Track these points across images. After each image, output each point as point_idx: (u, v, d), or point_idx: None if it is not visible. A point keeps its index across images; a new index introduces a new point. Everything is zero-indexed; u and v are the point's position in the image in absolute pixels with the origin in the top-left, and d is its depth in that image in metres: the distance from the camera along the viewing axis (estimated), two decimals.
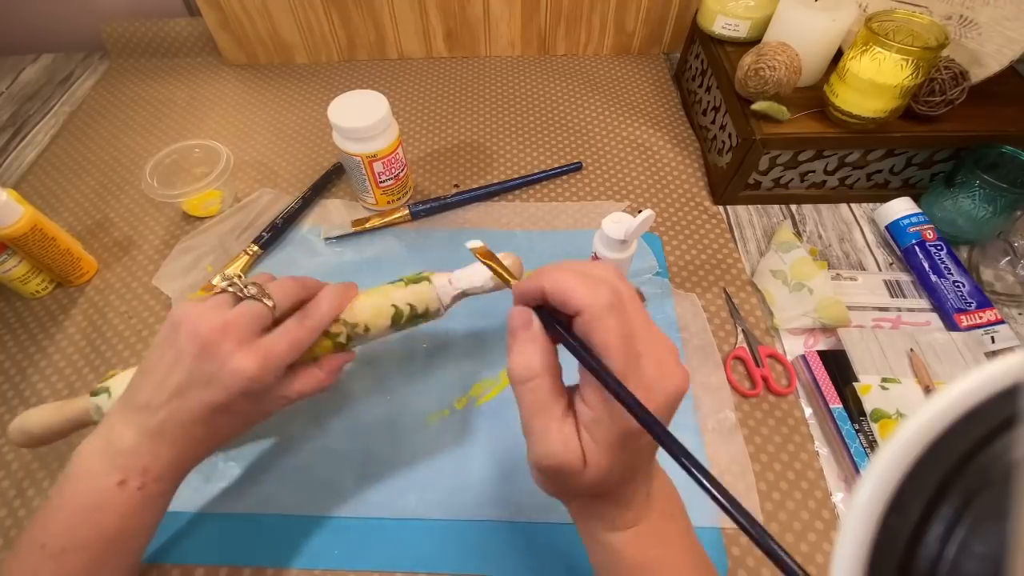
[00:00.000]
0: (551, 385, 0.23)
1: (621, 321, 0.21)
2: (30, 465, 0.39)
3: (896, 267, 0.50)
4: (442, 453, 0.39)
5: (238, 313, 0.29)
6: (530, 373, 0.23)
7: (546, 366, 0.23)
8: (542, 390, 0.23)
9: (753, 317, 0.46)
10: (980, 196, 0.47)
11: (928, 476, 0.11)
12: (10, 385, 0.44)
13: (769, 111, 0.49)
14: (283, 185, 0.58)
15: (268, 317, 0.30)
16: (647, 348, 0.21)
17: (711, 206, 0.55)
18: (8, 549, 0.36)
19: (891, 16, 0.45)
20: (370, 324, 0.34)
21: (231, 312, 0.29)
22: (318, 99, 0.68)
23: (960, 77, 0.46)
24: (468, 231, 0.53)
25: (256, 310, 0.29)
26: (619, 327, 0.21)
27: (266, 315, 0.30)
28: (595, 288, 0.21)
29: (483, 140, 0.62)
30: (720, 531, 0.36)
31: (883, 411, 0.39)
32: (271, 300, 0.30)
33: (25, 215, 0.43)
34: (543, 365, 0.23)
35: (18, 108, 0.69)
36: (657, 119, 0.64)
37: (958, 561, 0.10)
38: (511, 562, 0.35)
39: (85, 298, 0.49)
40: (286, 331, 0.30)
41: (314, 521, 0.37)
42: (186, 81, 0.71)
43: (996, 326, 0.43)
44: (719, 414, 0.41)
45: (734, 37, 0.57)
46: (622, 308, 0.21)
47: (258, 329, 0.29)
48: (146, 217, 0.55)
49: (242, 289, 0.30)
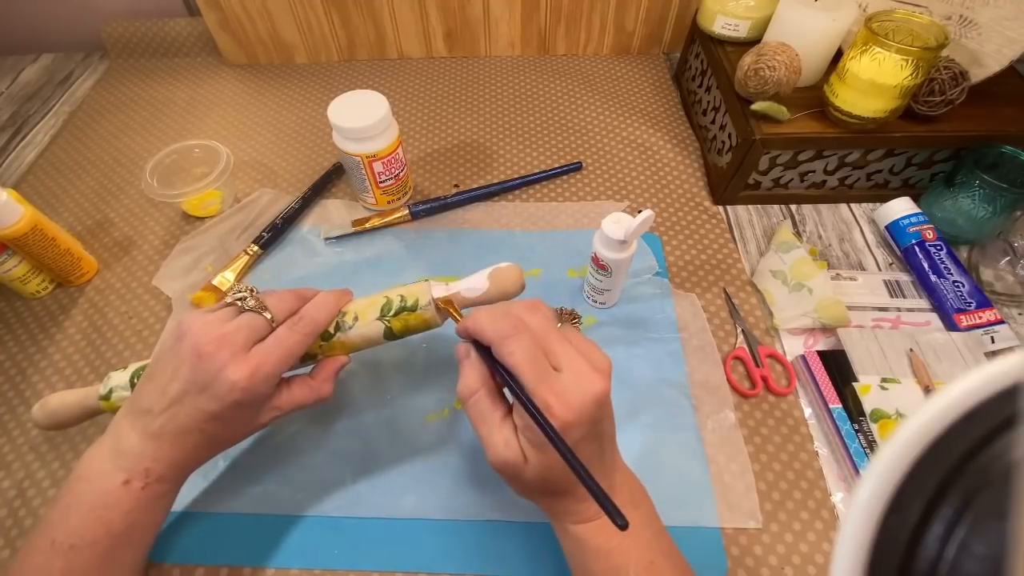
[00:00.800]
0: (489, 399, 0.28)
1: (521, 345, 0.26)
2: (31, 465, 0.39)
3: (896, 267, 0.50)
4: (442, 453, 0.39)
5: (236, 326, 0.30)
6: (470, 391, 0.28)
7: (482, 383, 0.28)
8: (482, 403, 0.28)
9: (753, 317, 0.46)
10: (980, 196, 0.47)
11: (928, 476, 0.11)
12: (10, 385, 0.44)
13: (769, 111, 0.49)
14: (283, 185, 0.58)
15: (266, 329, 0.31)
16: (565, 362, 0.26)
17: (711, 206, 0.55)
18: (8, 548, 0.36)
19: (891, 16, 0.45)
20: (360, 314, 0.34)
21: (229, 325, 0.30)
22: (318, 99, 0.68)
23: (960, 77, 0.46)
24: (468, 231, 0.53)
25: (254, 323, 0.30)
26: (522, 351, 0.26)
27: (263, 327, 0.31)
28: (497, 323, 0.27)
29: (483, 140, 0.62)
30: (720, 531, 0.36)
31: (883, 411, 0.39)
32: (269, 313, 0.31)
33: (25, 215, 0.43)
34: (479, 383, 0.28)
35: (18, 108, 0.69)
36: (657, 119, 0.64)
37: (958, 561, 0.10)
38: (511, 562, 0.35)
39: (85, 298, 0.49)
40: (277, 340, 0.31)
41: (314, 521, 0.37)
42: (186, 81, 0.71)
43: (996, 326, 0.43)
44: (719, 414, 0.41)
45: (734, 37, 0.57)
46: (523, 335, 0.26)
47: (254, 341, 0.30)
48: (146, 217, 0.55)
49: (242, 302, 0.31)
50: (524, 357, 0.26)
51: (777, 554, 0.35)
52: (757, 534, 0.36)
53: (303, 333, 0.32)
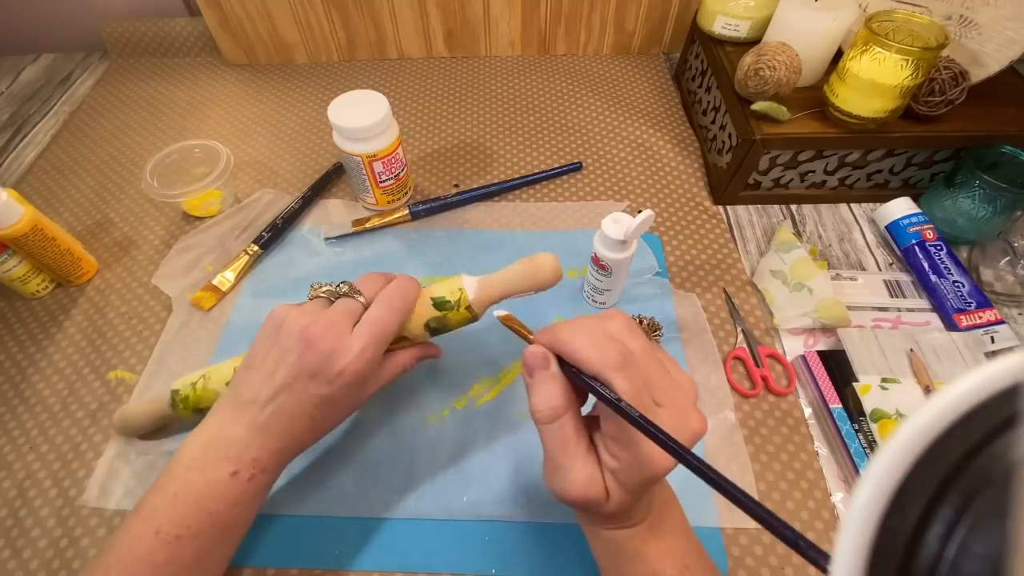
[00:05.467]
0: (575, 423, 0.25)
1: (631, 378, 0.23)
2: (31, 465, 0.39)
3: (896, 267, 0.50)
4: (442, 453, 0.39)
5: (336, 311, 0.31)
6: (556, 413, 0.24)
7: (568, 405, 0.25)
8: (568, 427, 0.24)
9: (753, 317, 0.46)
10: (980, 196, 0.47)
11: (928, 476, 0.11)
12: (10, 385, 0.44)
13: (769, 111, 0.49)
14: (283, 185, 0.58)
15: (362, 312, 0.32)
16: (665, 398, 0.23)
17: (711, 206, 0.55)
18: (8, 548, 0.36)
19: (891, 16, 0.45)
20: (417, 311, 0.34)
21: (330, 311, 0.31)
22: (318, 99, 0.68)
23: (960, 77, 0.46)
24: (468, 231, 0.53)
25: (351, 306, 0.31)
26: (630, 385, 0.22)
27: (360, 310, 0.32)
28: (603, 350, 0.23)
29: (483, 140, 0.62)
30: (720, 531, 0.36)
31: (883, 411, 0.39)
32: (362, 296, 0.32)
33: (25, 215, 0.43)
34: (566, 404, 0.24)
35: (18, 108, 0.69)
36: (657, 119, 0.64)
37: (958, 561, 0.10)
38: (511, 561, 0.35)
39: (85, 298, 0.49)
40: (375, 319, 0.31)
41: (314, 521, 0.37)
42: (186, 81, 0.71)
43: (996, 326, 0.43)
44: (719, 414, 0.41)
45: (734, 37, 0.57)
46: (632, 366, 0.23)
47: (354, 324, 0.31)
48: (146, 217, 0.55)
49: (335, 289, 0.32)
50: (634, 394, 0.22)
51: (777, 554, 0.35)
52: (757, 534, 0.36)
53: (397, 309, 0.32)
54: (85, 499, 0.38)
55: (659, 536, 0.27)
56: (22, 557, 0.36)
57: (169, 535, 0.27)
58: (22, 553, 0.36)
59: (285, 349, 0.30)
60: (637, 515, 0.26)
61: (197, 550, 0.28)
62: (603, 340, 0.24)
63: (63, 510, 0.37)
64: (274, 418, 0.30)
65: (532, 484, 0.38)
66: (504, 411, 0.41)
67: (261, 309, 0.47)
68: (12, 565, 0.35)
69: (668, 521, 0.28)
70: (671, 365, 0.25)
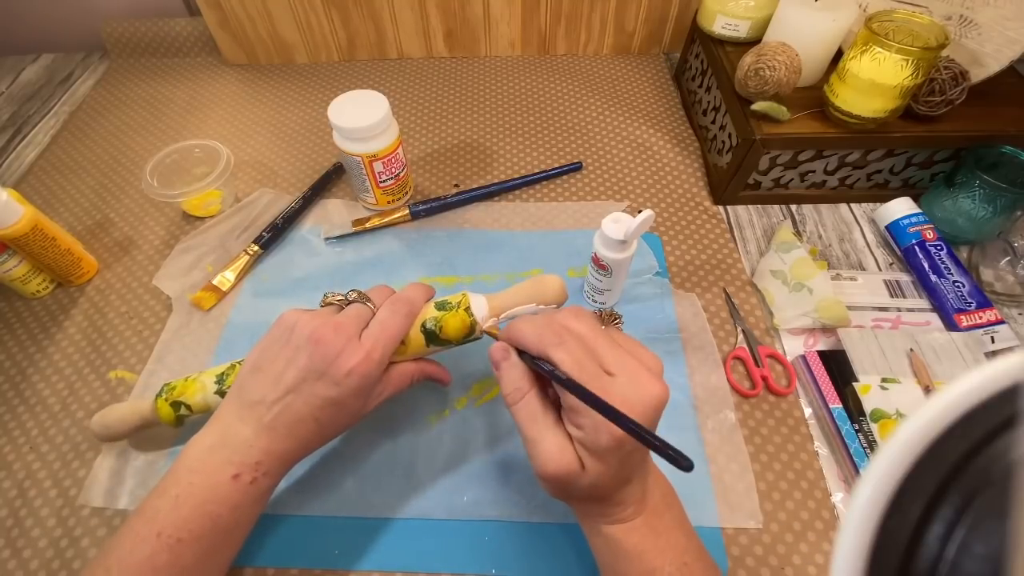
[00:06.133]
0: (539, 400, 0.27)
1: (569, 351, 0.25)
2: (31, 465, 0.39)
3: (896, 267, 0.50)
4: (442, 453, 0.39)
5: (346, 315, 0.32)
6: (520, 393, 0.27)
7: (531, 385, 0.27)
8: (532, 403, 0.27)
9: (753, 317, 0.46)
10: (980, 196, 0.47)
11: (928, 476, 0.11)
12: (10, 385, 0.44)
13: (769, 111, 0.49)
14: (283, 185, 0.58)
15: (371, 317, 0.33)
16: (617, 367, 0.25)
17: (711, 206, 0.55)
18: (8, 548, 0.36)
19: (891, 16, 0.45)
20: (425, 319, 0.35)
21: (340, 315, 0.32)
22: (318, 99, 0.68)
23: (960, 77, 0.46)
24: (468, 231, 0.53)
25: (361, 311, 0.32)
26: (568, 357, 0.25)
27: (369, 315, 0.33)
28: (542, 332, 0.26)
29: (483, 140, 0.62)
30: (720, 531, 0.36)
31: (883, 411, 0.39)
32: (371, 303, 0.33)
33: (25, 215, 0.43)
34: (528, 384, 0.27)
35: (18, 108, 0.69)
36: (657, 119, 0.64)
37: (958, 561, 0.10)
38: (511, 561, 0.35)
39: (85, 298, 0.49)
40: (382, 324, 0.32)
41: (314, 521, 0.37)
42: (186, 81, 0.71)
43: (996, 326, 0.43)
44: (719, 414, 0.41)
45: (734, 37, 0.57)
46: (570, 341, 0.26)
47: (362, 328, 0.32)
48: (146, 217, 0.55)
49: (346, 297, 0.33)
50: (574, 364, 0.25)
51: (777, 554, 0.35)
52: (757, 534, 0.36)
53: (403, 314, 0.33)
54: (85, 499, 0.38)
55: (658, 533, 0.27)
56: (22, 557, 0.36)
57: (171, 538, 0.27)
58: (22, 553, 0.36)
59: (296, 351, 0.30)
60: (628, 499, 0.27)
61: (199, 553, 0.28)
62: (545, 326, 0.27)
63: (63, 510, 0.37)
64: (280, 419, 0.30)
65: (532, 484, 0.38)
66: (504, 411, 0.41)
67: (261, 309, 0.47)
68: (12, 565, 0.35)
69: (667, 518, 0.28)
70: (629, 344, 0.27)
